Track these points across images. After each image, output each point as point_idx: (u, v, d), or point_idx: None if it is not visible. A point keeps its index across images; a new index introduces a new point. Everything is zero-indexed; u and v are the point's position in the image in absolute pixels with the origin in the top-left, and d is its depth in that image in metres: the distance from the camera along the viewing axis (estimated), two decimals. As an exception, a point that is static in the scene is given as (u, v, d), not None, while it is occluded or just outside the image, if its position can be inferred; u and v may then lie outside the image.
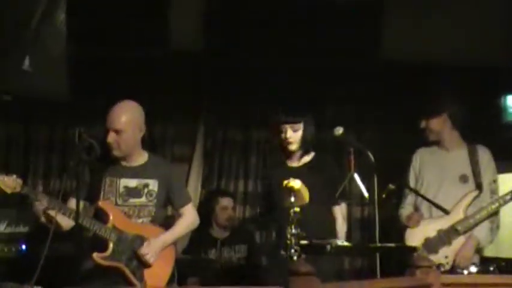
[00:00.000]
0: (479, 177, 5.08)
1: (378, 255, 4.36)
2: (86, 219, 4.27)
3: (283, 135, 4.86)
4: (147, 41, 6.24)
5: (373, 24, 6.53)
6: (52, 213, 4.17)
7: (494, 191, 5.11)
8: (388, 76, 6.49)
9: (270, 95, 6.37)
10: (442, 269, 4.82)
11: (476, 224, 5.01)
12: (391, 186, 4.46)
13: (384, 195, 4.49)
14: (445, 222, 5.00)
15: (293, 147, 4.87)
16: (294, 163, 4.94)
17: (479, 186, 5.07)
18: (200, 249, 5.95)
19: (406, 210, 5.17)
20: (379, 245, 4.30)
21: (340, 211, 4.84)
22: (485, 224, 5.05)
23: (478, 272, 4.44)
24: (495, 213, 5.07)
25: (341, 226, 4.80)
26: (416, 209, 5.15)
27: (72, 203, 4.25)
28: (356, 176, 4.52)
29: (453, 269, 4.81)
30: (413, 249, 4.31)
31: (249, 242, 6.07)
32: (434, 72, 6.46)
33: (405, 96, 6.35)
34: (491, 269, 4.43)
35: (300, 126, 4.88)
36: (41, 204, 4.17)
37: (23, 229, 5.28)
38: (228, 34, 6.42)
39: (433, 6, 6.49)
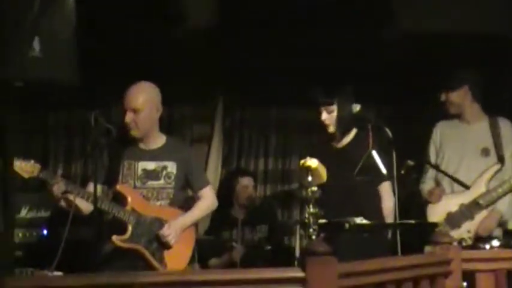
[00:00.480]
0: (501, 149, 5.01)
1: (398, 231, 4.32)
2: (105, 202, 4.28)
3: (320, 117, 4.81)
4: (164, 21, 6.23)
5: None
6: (71, 197, 4.18)
7: None
8: (404, 48, 6.41)
9: (289, 74, 6.35)
10: (464, 244, 4.79)
11: (499, 198, 4.94)
12: (410, 162, 4.41)
13: (402, 171, 4.44)
14: (467, 197, 4.95)
15: (330, 129, 4.79)
16: (337, 144, 4.89)
17: (501, 159, 5.00)
18: (221, 229, 5.96)
19: (427, 184, 5.12)
20: (399, 221, 4.27)
21: (386, 188, 4.78)
22: (508, 197, 4.98)
23: (500, 246, 4.40)
24: None
25: (388, 203, 4.74)
26: (438, 183, 5.10)
27: (91, 187, 4.25)
28: (374, 153, 4.47)
29: (476, 243, 4.77)
30: (434, 225, 4.27)
31: (270, 221, 6.07)
32: (453, 42, 6.38)
33: (422, 68, 6.29)
34: (514, 243, 4.39)
35: (334, 107, 4.78)
36: (59, 188, 4.18)
37: (44, 214, 5.31)
38: (244, 11, 6.38)
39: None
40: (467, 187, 4.67)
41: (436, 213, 4.98)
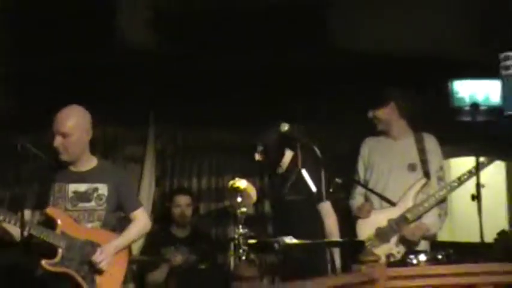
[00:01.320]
0: (426, 165, 5.15)
1: (338, 250, 4.41)
2: (33, 227, 4.23)
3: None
4: (97, 43, 6.22)
5: (322, 14, 6.57)
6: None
7: (441, 178, 5.20)
8: (337, 67, 6.52)
9: (220, 94, 6.40)
10: (393, 259, 4.89)
11: (425, 212, 5.08)
12: (338, 180, 4.49)
13: (331, 190, 4.52)
14: (395, 211, 5.06)
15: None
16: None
17: (427, 174, 5.13)
18: (159, 247, 5.96)
19: (356, 200, 5.22)
20: (327, 240, 4.34)
21: (326, 208, 4.89)
22: (434, 211, 5.12)
23: (427, 260, 4.50)
24: (443, 199, 5.14)
25: (329, 221, 4.87)
26: (367, 198, 5.20)
27: (25, 214, 4.22)
28: (304, 172, 4.55)
29: (403, 257, 4.86)
30: (361, 243, 4.35)
31: (205, 239, 6.10)
32: (382, 62, 6.52)
33: (355, 86, 6.40)
34: (440, 257, 4.48)
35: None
36: None
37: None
38: (178, 34, 6.42)
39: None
40: (393, 204, 4.78)
41: (366, 228, 5.08)
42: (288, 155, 5.01)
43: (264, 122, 5.89)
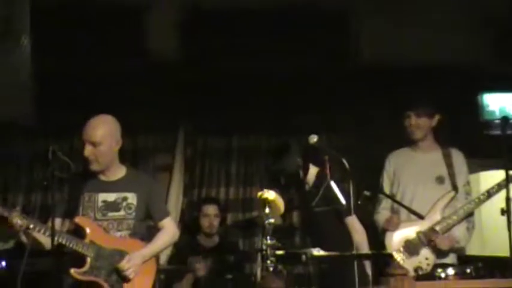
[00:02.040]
0: (454, 178, 5.12)
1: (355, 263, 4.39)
2: (63, 235, 4.27)
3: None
4: (124, 52, 6.29)
5: (346, 28, 6.59)
6: (30, 231, 4.18)
7: (468, 193, 5.17)
8: (362, 80, 6.53)
9: (248, 101, 6.44)
10: (421, 272, 4.86)
11: (454, 225, 5.05)
12: (367, 193, 4.48)
13: (359, 202, 4.51)
14: (424, 224, 5.02)
15: None
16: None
17: (455, 188, 5.11)
18: (187, 256, 5.98)
19: (381, 215, 5.20)
20: (355, 253, 4.33)
21: (351, 223, 4.89)
22: (462, 224, 5.09)
23: (455, 274, 4.47)
24: (471, 213, 5.11)
25: (357, 236, 4.87)
26: (394, 212, 5.18)
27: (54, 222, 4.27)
28: (333, 184, 4.54)
29: (431, 271, 4.83)
30: (390, 255, 4.33)
31: (233, 249, 6.11)
32: (410, 73, 6.52)
33: (382, 98, 6.41)
34: (468, 271, 4.46)
35: None
36: (18, 223, 4.17)
37: (2, 246, 5.29)
38: (204, 43, 6.47)
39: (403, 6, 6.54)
40: (421, 217, 4.75)
41: (395, 241, 5.05)
42: (313, 171, 5.02)
43: (293, 131, 5.97)
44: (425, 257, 5.02)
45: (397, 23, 6.63)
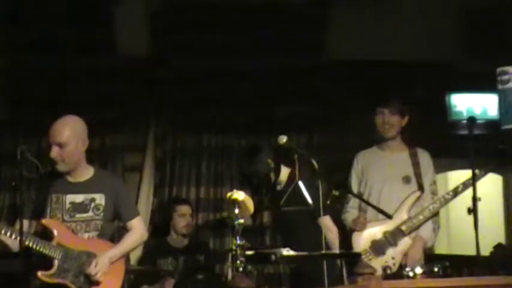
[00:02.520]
0: (420, 178, 5.17)
1: (325, 262, 4.42)
2: (30, 238, 4.24)
3: None
4: (92, 49, 6.24)
5: (319, 23, 6.61)
6: None
7: (434, 192, 5.22)
8: (335, 75, 6.55)
9: (219, 99, 6.43)
10: (389, 271, 4.90)
11: (420, 225, 5.10)
12: (335, 193, 4.49)
13: (328, 202, 4.53)
14: (390, 224, 5.07)
15: None
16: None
17: (421, 187, 5.16)
18: (156, 258, 5.96)
19: (350, 214, 5.23)
20: (324, 252, 4.35)
21: (325, 222, 4.91)
22: (429, 224, 5.15)
23: (423, 273, 4.51)
24: (437, 213, 5.16)
25: (330, 235, 4.87)
26: (362, 211, 5.21)
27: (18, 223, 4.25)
28: (301, 184, 4.56)
29: (400, 270, 4.87)
30: (358, 255, 4.36)
31: (203, 250, 6.10)
32: (380, 71, 6.56)
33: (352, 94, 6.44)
34: (436, 269, 4.49)
35: None
36: None
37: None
38: (174, 39, 6.44)
39: (378, 2, 6.57)
40: (389, 217, 4.79)
41: (361, 241, 5.09)
42: (285, 171, 5.04)
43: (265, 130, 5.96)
44: (392, 257, 5.06)
45: (370, 17, 6.67)
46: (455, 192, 5.08)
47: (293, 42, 6.53)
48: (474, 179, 4.66)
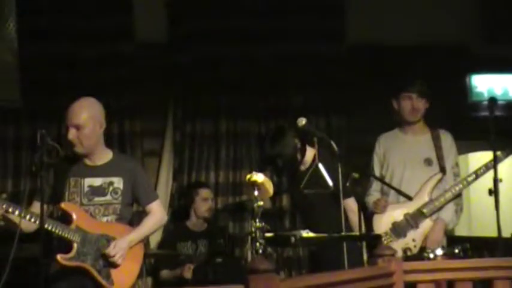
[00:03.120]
0: (442, 160, 5.13)
1: (345, 244, 4.40)
2: (49, 221, 4.24)
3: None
4: (111, 35, 6.25)
5: (337, 8, 6.57)
6: (11, 216, 4.18)
7: (457, 174, 5.18)
8: (354, 60, 6.52)
9: (238, 85, 6.41)
10: (409, 253, 4.88)
11: (441, 207, 5.07)
12: (355, 175, 4.46)
13: (347, 184, 4.51)
14: (411, 206, 5.04)
15: None
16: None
17: (443, 170, 5.12)
18: (176, 242, 5.96)
19: (373, 196, 5.20)
20: (343, 234, 4.33)
21: (349, 204, 4.85)
22: (450, 206, 5.11)
23: (443, 255, 4.49)
24: (459, 195, 5.12)
25: (353, 218, 4.80)
26: (384, 194, 5.19)
27: (36, 206, 4.25)
28: (321, 166, 4.53)
29: (420, 253, 4.85)
30: (378, 237, 4.33)
31: (223, 233, 6.10)
32: (400, 54, 6.51)
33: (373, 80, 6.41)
34: (457, 251, 4.48)
35: None
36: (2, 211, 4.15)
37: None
38: (192, 24, 6.43)
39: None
40: (410, 198, 4.76)
41: (382, 223, 5.07)
42: (310, 152, 5.00)
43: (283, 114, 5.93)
44: (413, 239, 5.04)
45: (388, 2, 6.62)
46: (477, 175, 5.04)
47: (312, 27, 6.49)
48: (496, 161, 4.62)
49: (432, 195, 5.06)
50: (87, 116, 4.40)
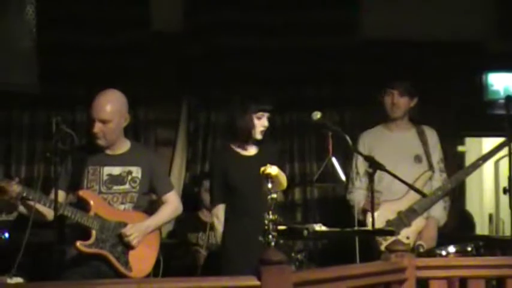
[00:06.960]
0: (429, 157, 5.17)
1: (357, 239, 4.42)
2: (67, 208, 4.29)
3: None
4: (127, 24, 6.27)
5: (353, 2, 6.57)
6: (30, 202, 4.20)
7: (442, 170, 5.24)
8: (368, 55, 6.51)
9: (252, 77, 6.41)
10: (422, 250, 4.88)
11: (432, 204, 5.10)
12: (369, 170, 4.47)
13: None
14: (403, 204, 5.09)
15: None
16: None
17: (431, 166, 5.17)
18: (187, 232, 5.98)
19: (357, 194, 5.18)
20: (356, 228, 4.34)
21: None
22: (440, 203, 5.16)
23: (456, 252, 4.50)
24: (448, 193, 5.18)
25: None
26: (375, 191, 5.12)
27: (53, 193, 4.28)
28: (334, 160, 4.54)
29: (433, 249, 4.86)
30: (392, 232, 4.34)
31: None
32: (416, 49, 6.50)
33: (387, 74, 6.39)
34: (469, 249, 4.49)
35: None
36: (18, 194, 4.16)
37: (5, 218, 5.30)
38: (208, 15, 6.44)
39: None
40: (424, 195, 4.74)
41: (376, 220, 5.03)
42: None
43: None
44: (407, 236, 5.05)
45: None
46: (466, 173, 5.15)
47: (327, 20, 6.49)
48: (511, 157, 4.61)
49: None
50: (113, 111, 4.43)
